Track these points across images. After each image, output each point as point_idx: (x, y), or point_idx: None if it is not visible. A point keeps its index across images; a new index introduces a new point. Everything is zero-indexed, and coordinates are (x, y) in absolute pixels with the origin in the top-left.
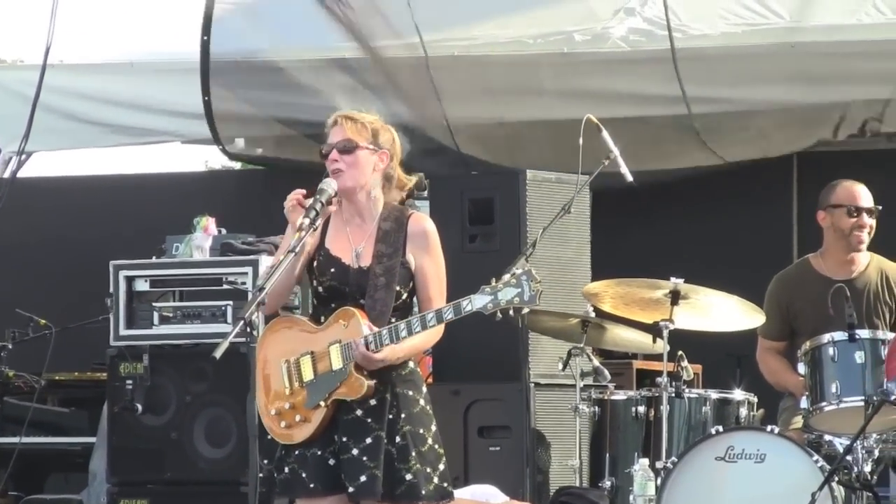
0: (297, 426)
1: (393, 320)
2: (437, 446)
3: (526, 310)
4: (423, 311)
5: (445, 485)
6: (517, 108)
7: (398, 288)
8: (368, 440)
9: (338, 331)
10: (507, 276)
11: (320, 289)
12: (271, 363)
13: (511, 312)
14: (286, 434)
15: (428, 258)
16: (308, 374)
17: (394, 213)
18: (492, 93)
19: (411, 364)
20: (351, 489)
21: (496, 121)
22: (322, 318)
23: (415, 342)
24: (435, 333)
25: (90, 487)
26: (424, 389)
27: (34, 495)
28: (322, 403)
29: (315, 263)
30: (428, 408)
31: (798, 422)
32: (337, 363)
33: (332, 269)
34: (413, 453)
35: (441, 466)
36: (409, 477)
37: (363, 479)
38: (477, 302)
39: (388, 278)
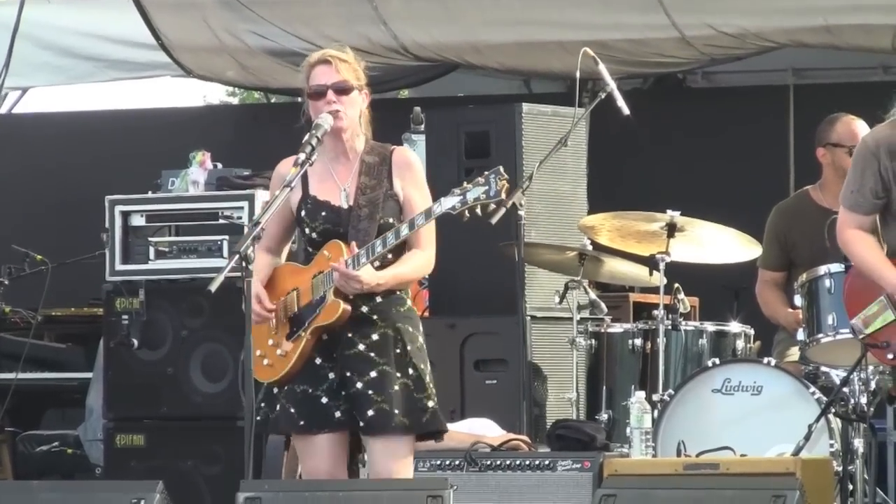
0: (278, 360)
1: (389, 256)
2: (433, 382)
3: (493, 207)
4: (410, 243)
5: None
6: None
7: (389, 219)
8: (373, 374)
9: (321, 263)
10: (479, 178)
11: (314, 234)
12: None
13: (478, 211)
14: (268, 371)
15: (415, 189)
16: (292, 309)
17: (377, 148)
18: None
19: (409, 302)
20: (362, 423)
21: None
22: None
23: (399, 271)
24: (424, 265)
25: (87, 423)
26: (421, 328)
27: (31, 431)
28: (302, 333)
29: (303, 213)
30: (424, 345)
31: (792, 354)
32: (318, 292)
33: (324, 213)
34: (428, 382)
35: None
36: (430, 404)
37: (371, 413)
38: (446, 203)
39: (371, 209)
